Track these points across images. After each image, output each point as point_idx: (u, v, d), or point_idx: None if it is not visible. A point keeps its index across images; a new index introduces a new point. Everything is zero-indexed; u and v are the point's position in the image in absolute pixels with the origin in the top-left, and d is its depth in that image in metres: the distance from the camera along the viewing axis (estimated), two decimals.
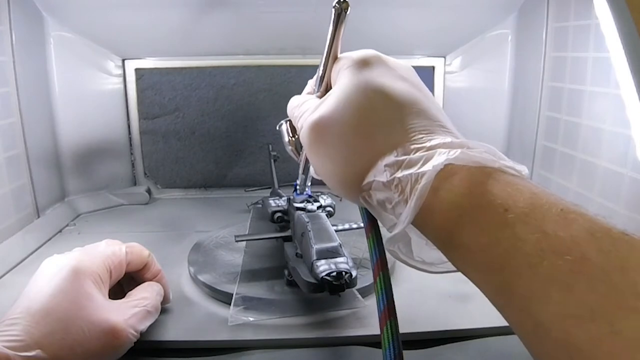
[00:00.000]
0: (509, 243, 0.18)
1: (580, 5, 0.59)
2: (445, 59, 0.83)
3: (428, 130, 0.25)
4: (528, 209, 0.19)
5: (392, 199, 0.24)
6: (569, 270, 0.16)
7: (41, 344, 0.30)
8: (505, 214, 0.19)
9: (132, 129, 0.82)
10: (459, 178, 0.21)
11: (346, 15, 0.28)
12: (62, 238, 0.65)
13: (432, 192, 0.22)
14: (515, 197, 0.19)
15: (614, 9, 0.46)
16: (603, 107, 0.55)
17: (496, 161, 0.22)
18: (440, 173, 0.22)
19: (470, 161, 0.22)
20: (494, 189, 0.20)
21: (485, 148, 0.23)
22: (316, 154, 0.28)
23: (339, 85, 0.28)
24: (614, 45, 0.47)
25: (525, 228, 0.18)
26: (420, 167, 0.22)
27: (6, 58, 0.59)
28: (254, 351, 0.39)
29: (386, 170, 0.24)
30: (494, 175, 0.21)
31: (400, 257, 0.25)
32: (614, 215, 0.52)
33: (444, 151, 0.22)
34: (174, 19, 0.69)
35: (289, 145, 0.37)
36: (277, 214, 0.55)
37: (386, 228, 0.25)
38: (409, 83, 0.27)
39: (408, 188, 0.23)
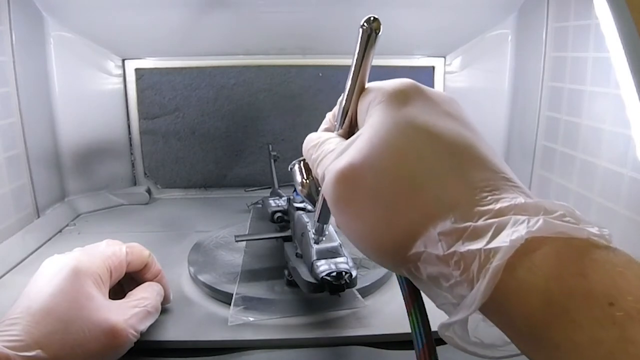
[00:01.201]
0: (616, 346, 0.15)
1: (580, 5, 0.59)
2: (445, 59, 0.83)
3: (492, 187, 0.20)
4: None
5: (449, 277, 0.19)
6: None
7: (41, 344, 0.30)
8: (611, 309, 0.15)
9: (132, 129, 0.82)
10: (544, 255, 0.17)
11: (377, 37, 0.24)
12: (62, 238, 0.65)
13: (507, 271, 0.17)
14: (621, 286, 0.16)
15: (614, 9, 0.46)
16: (603, 107, 0.55)
17: (583, 230, 0.17)
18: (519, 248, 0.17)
19: (555, 232, 0.17)
20: (592, 272, 0.16)
21: (564, 209, 0.18)
22: (343, 212, 0.23)
23: (371, 124, 0.23)
24: (614, 45, 0.47)
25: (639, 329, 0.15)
26: (490, 241, 0.18)
27: (6, 58, 0.59)
28: (254, 351, 0.39)
29: (441, 241, 0.19)
30: (587, 251, 0.17)
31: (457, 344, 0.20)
32: (614, 216, 0.52)
33: (521, 219, 0.18)
34: (174, 19, 0.69)
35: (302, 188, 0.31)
36: (277, 214, 0.55)
37: (436, 305, 0.21)
38: (458, 121, 0.23)
39: (475, 267, 0.18)
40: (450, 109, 0.23)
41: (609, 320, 0.15)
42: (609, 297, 0.15)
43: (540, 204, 0.19)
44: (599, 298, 0.15)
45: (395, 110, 0.22)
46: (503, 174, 0.21)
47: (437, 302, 0.21)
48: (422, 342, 0.22)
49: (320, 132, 0.30)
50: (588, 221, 0.18)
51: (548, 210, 0.18)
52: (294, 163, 0.32)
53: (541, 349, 0.17)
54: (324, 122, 0.31)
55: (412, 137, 0.21)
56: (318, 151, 0.26)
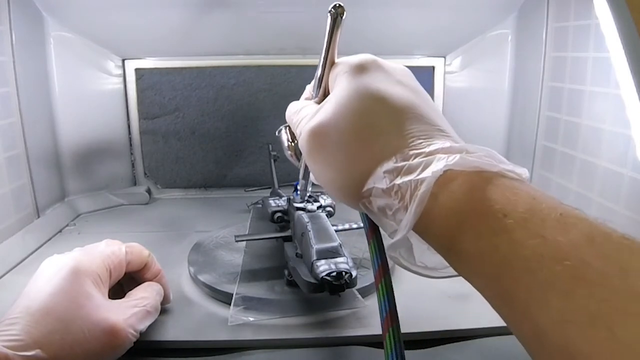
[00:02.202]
0: (507, 249, 0.18)
1: (580, 5, 0.59)
2: (445, 59, 0.83)
3: (427, 135, 0.25)
4: (527, 214, 0.18)
5: (392, 206, 0.24)
6: (568, 276, 0.16)
7: (41, 344, 0.30)
8: (504, 219, 0.19)
9: (132, 129, 0.82)
10: (458, 183, 0.21)
11: (342, 20, 0.28)
12: (62, 238, 0.65)
13: (432, 198, 0.21)
14: (514, 202, 0.19)
15: (614, 9, 0.46)
16: (603, 107, 0.55)
17: (495, 165, 0.22)
18: (439, 179, 0.21)
19: (469, 166, 0.21)
20: (492, 194, 0.20)
21: (485, 152, 0.23)
22: (315, 162, 0.28)
23: (336, 91, 0.28)
24: (614, 45, 0.47)
25: (524, 233, 0.18)
26: (419, 174, 0.22)
27: (6, 58, 0.59)
28: (254, 351, 0.39)
29: (385, 177, 0.24)
30: (493, 180, 0.21)
31: (402, 263, 0.25)
32: (614, 216, 0.52)
33: (443, 157, 0.22)
34: (174, 19, 0.69)
35: (288, 150, 0.37)
36: (277, 214, 0.55)
37: (387, 234, 0.25)
38: (407, 87, 0.27)
39: (408, 195, 0.22)
40: (401, 78, 0.28)
41: (502, 228, 0.19)
42: (503, 211, 0.19)
43: (464, 146, 0.23)
44: (495, 212, 0.19)
45: (355, 79, 0.27)
46: (438, 127, 0.26)
47: (387, 231, 0.25)
48: (378, 264, 0.26)
49: (300, 100, 0.34)
50: (508, 162, 0.22)
51: (469, 151, 0.22)
52: (281, 128, 0.37)
53: (459, 259, 0.21)
54: (304, 92, 0.35)
55: (366, 99, 0.26)
56: (297, 116, 0.31)
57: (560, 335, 0.16)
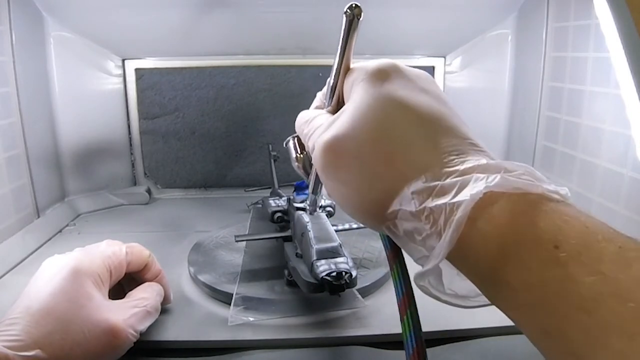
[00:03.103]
0: (560, 285, 0.17)
1: (580, 5, 0.59)
2: (445, 59, 0.83)
3: (459, 151, 0.22)
4: (581, 247, 0.17)
5: (422, 231, 0.21)
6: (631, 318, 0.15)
7: (40, 344, 0.30)
8: (556, 251, 0.17)
9: (132, 129, 0.82)
10: (500, 207, 0.19)
11: (359, 21, 0.26)
12: (62, 238, 0.65)
13: (469, 222, 0.19)
14: (566, 231, 0.17)
15: (614, 9, 0.46)
16: (603, 107, 0.55)
17: (538, 185, 0.20)
18: (478, 202, 0.19)
19: (511, 187, 0.19)
20: (540, 220, 0.18)
21: (523, 169, 0.20)
22: (330, 179, 0.25)
23: (354, 100, 0.25)
24: (614, 45, 0.47)
25: (580, 268, 0.16)
26: (454, 196, 0.20)
27: (6, 58, 0.59)
28: (254, 351, 0.39)
29: (414, 198, 0.21)
30: (540, 204, 0.19)
31: (431, 293, 0.22)
32: (614, 216, 0.52)
33: (481, 176, 0.20)
34: (174, 19, 0.69)
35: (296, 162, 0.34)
36: (277, 214, 0.55)
37: (414, 260, 0.23)
38: (432, 95, 0.25)
39: (442, 220, 0.20)
40: (425, 85, 0.26)
41: (553, 261, 0.17)
42: (554, 241, 0.17)
43: (501, 164, 0.21)
44: (545, 242, 0.17)
45: (374, 87, 0.25)
46: (470, 140, 0.23)
47: (414, 256, 0.23)
48: (402, 292, 0.24)
49: (311, 109, 0.32)
50: (548, 181, 0.20)
51: (508, 169, 0.20)
52: (289, 139, 0.35)
53: (498, 290, 0.19)
54: (315, 100, 0.33)
55: (388, 110, 0.24)
56: (309, 127, 0.29)
57: None
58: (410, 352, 0.23)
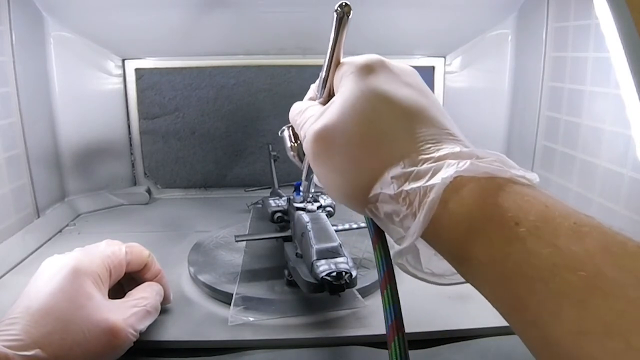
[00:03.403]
0: (520, 257, 0.18)
1: (580, 5, 0.59)
2: (445, 59, 0.83)
3: (435, 140, 0.24)
4: (540, 222, 0.18)
5: (399, 212, 0.23)
6: (583, 286, 0.16)
7: (40, 344, 0.30)
8: (516, 227, 0.18)
9: (132, 129, 0.82)
10: (469, 190, 0.21)
11: (348, 19, 0.27)
12: (62, 238, 0.65)
13: (441, 204, 0.21)
14: (527, 210, 0.19)
15: (614, 9, 0.46)
16: (603, 107, 0.55)
17: (506, 171, 0.21)
18: (449, 185, 0.21)
19: (480, 172, 0.21)
20: (504, 201, 0.20)
21: (495, 157, 0.22)
22: (320, 165, 0.27)
23: (342, 92, 0.27)
24: (614, 45, 0.47)
25: (537, 242, 0.18)
26: (428, 180, 0.22)
27: (6, 58, 0.59)
28: (254, 351, 0.39)
29: (393, 183, 0.23)
30: (505, 186, 0.20)
31: (408, 270, 0.24)
32: (614, 216, 0.52)
33: (453, 162, 0.22)
34: (174, 19, 0.69)
35: (291, 151, 0.36)
36: (277, 214, 0.55)
37: (394, 240, 0.25)
38: (415, 89, 0.27)
39: (416, 201, 0.22)
40: (409, 79, 0.27)
41: (514, 236, 0.18)
42: (515, 218, 0.19)
43: (473, 151, 0.23)
44: (507, 220, 0.19)
45: (361, 80, 0.26)
46: (447, 130, 0.25)
47: (393, 237, 0.25)
48: (383, 270, 0.26)
49: (305, 101, 0.34)
50: (518, 168, 0.22)
51: (479, 156, 0.22)
52: (283, 129, 0.37)
53: (469, 267, 0.21)
54: (308, 92, 0.35)
55: (373, 102, 0.25)
56: (301, 117, 0.30)
57: (574, 345, 0.16)
58: (389, 322, 0.25)
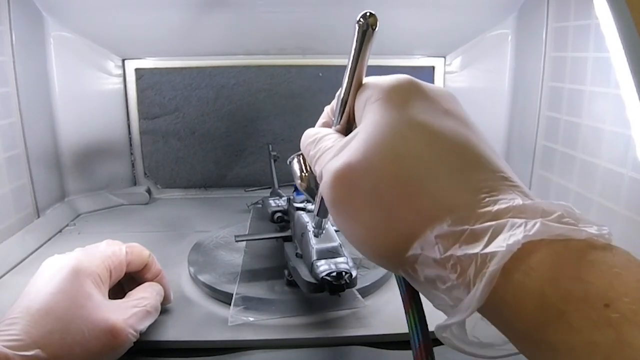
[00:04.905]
0: (612, 350, 0.14)
1: (580, 5, 0.59)
2: (445, 59, 0.83)
3: (490, 187, 0.20)
4: (636, 305, 0.15)
5: (446, 280, 0.19)
6: None
7: (40, 344, 0.30)
8: (607, 310, 0.15)
9: (132, 129, 0.82)
10: (540, 258, 0.17)
11: (374, 32, 0.23)
12: (62, 238, 0.65)
13: (503, 273, 0.17)
14: (618, 288, 0.15)
15: (614, 9, 0.46)
16: (603, 107, 0.55)
17: (582, 231, 0.17)
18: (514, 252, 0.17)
19: (553, 234, 0.17)
20: (588, 274, 0.16)
21: (562, 209, 0.18)
22: (342, 214, 0.22)
23: (368, 123, 0.22)
24: (614, 45, 0.47)
25: (635, 331, 0.14)
26: (487, 245, 0.18)
27: (6, 58, 0.59)
28: (254, 351, 0.39)
29: (438, 244, 0.19)
30: (585, 253, 0.17)
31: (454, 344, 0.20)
32: (614, 216, 0.52)
33: (518, 222, 0.18)
34: (174, 19, 0.69)
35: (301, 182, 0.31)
36: (277, 214, 0.55)
37: (434, 305, 0.21)
38: (457, 119, 0.22)
39: (471, 271, 0.18)
40: (449, 106, 0.23)
41: (604, 322, 0.15)
42: (604, 299, 0.15)
43: (539, 205, 0.18)
44: (594, 300, 0.15)
45: (392, 109, 0.22)
46: (502, 174, 0.20)
47: (434, 303, 0.21)
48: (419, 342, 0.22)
49: (318, 127, 0.29)
50: (587, 220, 0.18)
51: (546, 211, 0.18)
52: (293, 157, 0.32)
53: (539, 351, 0.17)
54: (322, 115, 0.30)
55: (409, 137, 0.21)
56: (316, 148, 0.26)
57: None
58: None
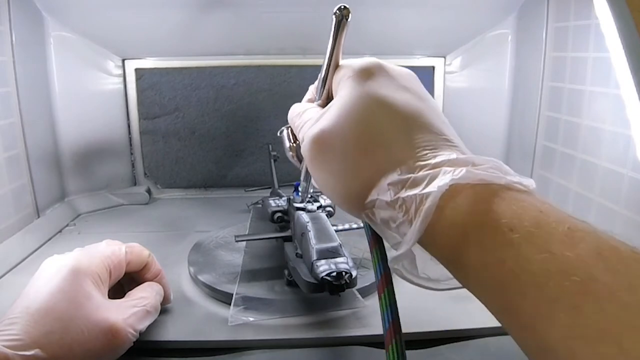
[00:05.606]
0: (514, 263, 0.18)
1: (580, 5, 0.59)
2: (445, 59, 0.83)
3: (432, 146, 0.24)
4: (534, 228, 0.18)
5: (396, 219, 0.23)
6: (576, 291, 0.16)
7: (40, 343, 0.30)
8: (510, 233, 0.19)
9: (132, 129, 0.82)
10: (464, 197, 0.21)
11: (347, 22, 0.27)
12: (62, 238, 0.65)
13: (437, 211, 0.21)
14: (521, 216, 0.19)
15: (614, 9, 0.46)
16: (603, 107, 0.55)
17: (502, 177, 0.21)
18: (445, 192, 0.21)
19: (476, 179, 0.21)
20: (499, 207, 0.20)
21: (491, 164, 0.22)
22: (317, 169, 0.27)
23: (339, 96, 0.27)
24: (614, 45, 0.47)
25: (531, 248, 0.18)
26: (424, 188, 0.22)
27: (6, 58, 0.59)
28: (254, 351, 0.39)
29: (390, 189, 0.23)
30: (500, 192, 0.21)
31: (404, 276, 0.24)
32: (614, 216, 0.52)
33: (449, 170, 0.22)
34: (174, 19, 0.69)
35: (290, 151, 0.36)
36: (277, 214, 0.55)
37: (390, 245, 0.25)
38: (412, 93, 0.27)
39: (413, 209, 0.22)
40: (407, 83, 0.27)
41: (508, 242, 0.19)
42: (510, 225, 0.19)
43: (470, 158, 0.23)
44: (501, 226, 0.19)
45: (359, 84, 0.26)
46: (444, 136, 0.25)
47: (389, 242, 0.25)
48: (380, 273, 0.26)
49: (303, 102, 0.34)
50: (514, 174, 0.22)
51: (476, 163, 0.22)
52: (283, 129, 0.37)
53: (463, 271, 0.21)
54: (307, 93, 0.35)
55: (371, 107, 0.25)
56: (300, 119, 0.30)
57: (568, 350, 0.16)
58: (387, 325, 0.24)
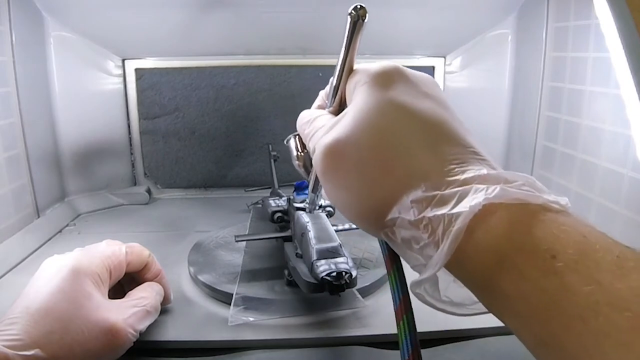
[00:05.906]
0: (557, 293, 0.17)
1: (580, 5, 0.59)
2: (445, 59, 0.83)
3: (460, 160, 0.22)
4: (578, 256, 0.17)
5: (419, 239, 0.21)
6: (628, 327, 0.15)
7: (40, 343, 0.30)
8: (553, 260, 0.17)
9: (132, 129, 0.82)
10: (498, 218, 0.19)
11: (364, 23, 0.25)
12: (62, 238, 0.65)
13: (467, 232, 0.19)
14: (564, 241, 0.17)
15: (614, 9, 0.46)
16: (603, 107, 0.55)
17: (538, 196, 0.20)
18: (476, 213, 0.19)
19: (511, 198, 0.19)
20: (538, 231, 0.18)
21: (524, 179, 0.21)
22: (330, 182, 0.25)
23: (356, 103, 0.25)
24: (614, 45, 0.47)
25: (576, 277, 0.16)
26: (453, 207, 0.20)
27: (6, 58, 0.59)
28: (254, 351, 0.39)
29: (413, 207, 0.21)
30: (537, 214, 0.19)
31: (426, 300, 0.22)
32: (614, 216, 0.52)
33: (481, 188, 0.20)
34: (174, 19, 0.69)
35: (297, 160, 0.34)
36: (277, 214, 0.55)
37: (411, 267, 0.23)
38: (435, 101, 0.25)
39: (440, 230, 0.20)
40: (428, 89, 0.25)
41: (550, 270, 0.17)
42: (551, 250, 0.17)
43: (502, 174, 0.21)
44: (542, 252, 0.18)
45: (377, 91, 0.24)
46: (471, 149, 0.23)
47: (410, 263, 0.23)
48: (399, 298, 0.24)
49: (313, 109, 0.32)
50: (548, 191, 0.20)
51: (508, 180, 0.21)
52: (290, 137, 0.35)
53: (496, 299, 0.19)
54: (317, 99, 0.33)
55: (390, 115, 0.24)
56: (310, 127, 0.29)
57: None
58: (406, 356, 0.23)
